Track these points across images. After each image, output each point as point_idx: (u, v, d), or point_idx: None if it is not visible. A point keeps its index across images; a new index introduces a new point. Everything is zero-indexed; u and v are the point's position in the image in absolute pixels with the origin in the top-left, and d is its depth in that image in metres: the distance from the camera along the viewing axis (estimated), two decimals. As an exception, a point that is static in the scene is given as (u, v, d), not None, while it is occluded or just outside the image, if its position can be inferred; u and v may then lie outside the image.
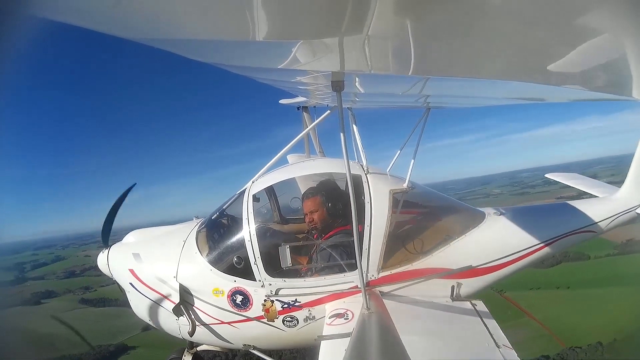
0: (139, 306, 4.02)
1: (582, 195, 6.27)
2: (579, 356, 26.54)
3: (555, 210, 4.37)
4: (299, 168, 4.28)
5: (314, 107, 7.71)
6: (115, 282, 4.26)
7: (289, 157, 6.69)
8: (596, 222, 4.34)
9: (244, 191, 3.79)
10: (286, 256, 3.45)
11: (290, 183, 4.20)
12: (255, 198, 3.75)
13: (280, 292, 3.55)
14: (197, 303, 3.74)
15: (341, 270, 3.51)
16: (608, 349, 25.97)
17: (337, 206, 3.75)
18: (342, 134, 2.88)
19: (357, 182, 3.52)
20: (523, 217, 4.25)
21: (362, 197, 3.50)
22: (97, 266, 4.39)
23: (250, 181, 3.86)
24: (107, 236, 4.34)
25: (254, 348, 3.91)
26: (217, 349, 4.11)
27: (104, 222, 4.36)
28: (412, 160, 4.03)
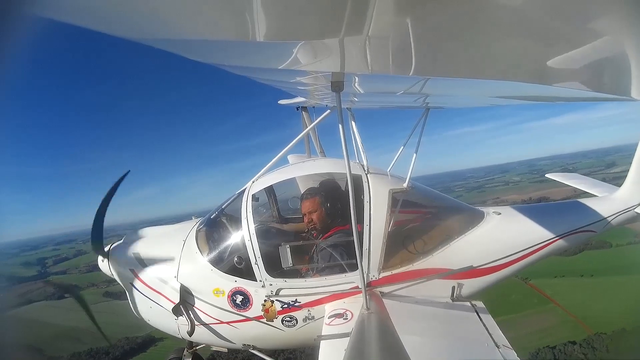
0: (139, 306, 4.02)
1: (581, 195, 6.29)
2: (605, 342, 26.97)
3: (555, 209, 4.37)
4: (298, 168, 4.28)
5: (313, 107, 7.71)
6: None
7: (290, 158, 6.70)
8: (596, 222, 4.35)
9: (243, 191, 3.79)
10: (287, 256, 3.45)
11: (290, 183, 4.19)
12: (255, 198, 3.75)
13: (281, 293, 3.55)
14: (197, 303, 3.74)
15: (342, 270, 3.52)
16: (632, 334, 26.35)
17: (336, 206, 3.75)
18: (342, 134, 2.88)
19: (357, 182, 3.52)
20: (523, 217, 4.25)
21: (362, 197, 3.50)
22: (192, 218, 4.41)
23: (250, 181, 3.86)
24: (101, 243, 4.00)
25: (254, 348, 3.91)
26: (217, 348, 4.10)
27: (93, 225, 3.82)
28: (413, 160, 4.04)
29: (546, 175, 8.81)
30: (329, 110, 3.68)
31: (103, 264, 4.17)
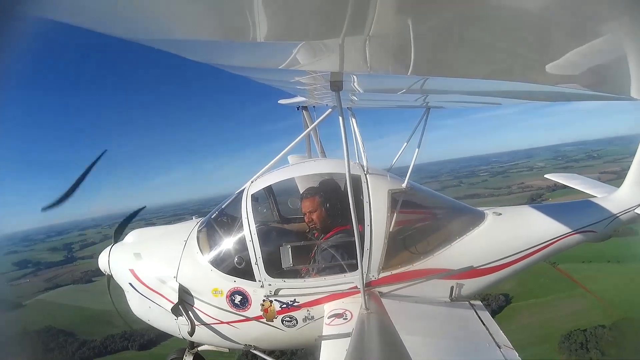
0: (138, 306, 4.02)
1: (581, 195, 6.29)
2: (633, 326, 27.42)
3: (555, 210, 4.36)
4: (298, 168, 4.28)
5: (314, 107, 7.71)
6: (107, 281, 4.26)
7: (290, 158, 6.70)
8: (596, 222, 4.34)
9: (242, 191, 3.79)
10: (287, 256, 3.46)
11: (289, 183, 4.19)
12: (254, 198, 3.74)
13: (280, 293, 3.55)
14: (196, 303, 3.74)
15: (342, 270, 3.51)
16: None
17: (336, 206, 3.75)
18: (342, 134, 2.88)
19: (357, 182, 3.52)
20: (523, 218, 4.25)
21: (362, 197, 3.50)
22: (193, 218, 4.41)
23: (249, 181, 3.86)
24: (120, 234, 4.42)
25: (255, 348, 3.91)
26: (218, 349, 4.11)
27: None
28: (413, 160, 4.03)
29: (545, 176, 8.82)
30: (330, 110, 3.68)
31: (102, 262, 4.18)
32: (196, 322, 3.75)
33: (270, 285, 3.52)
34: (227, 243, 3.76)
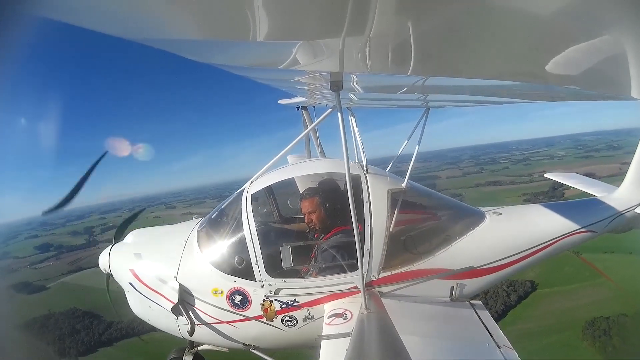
0: (139, 306, 4.02)
1: (581, 195, 6.29)
2: None
3: (555, 210, 4.36)
4: (298, 168, 4.28)
5: (314, 107, 7.71)
6: (106, 282, 4.27)
7: (289, 158, 6.69)
8: (596, 222, 4.34)
9: (242, 191, 3.79)
10: (287, 257, 3.46)
11: (289, 183, 4.19)
12: (254, 198, 3.74)
13: (280, 292, 3.55)
14: (196, 303, 3.74)
15: (342, 270, 3.51)
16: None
17: (336, 206, 3.75)
18: (342, 134, 2.88)
19: (356, 182, 3.52)
20: (523, 218, 4.25)
21: (362, 197, 3.50)
22: (193, 217, 4.45)
23: (249, 181, 3.86)
24: (120, 235, 4.42)
25: (255, 348, 3.91)
26: (218, 348, 4.11)
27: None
28: (412, 160, 4.03)
29: (545, 175, 8.80)
30: (330, 110, 3.68)
31: (103, 261, 4.18)
32: (196, 322, 3.75)
33: (270, 285, 3.52)
34: (227, 243, 3.76)
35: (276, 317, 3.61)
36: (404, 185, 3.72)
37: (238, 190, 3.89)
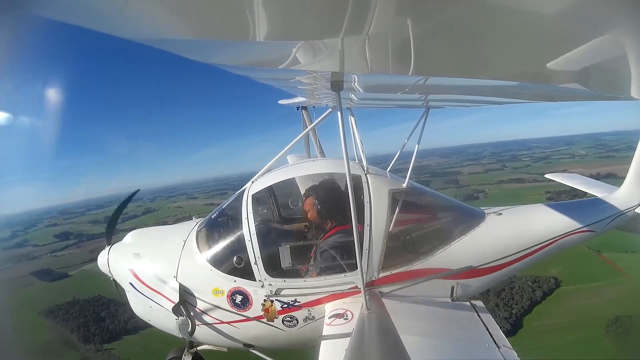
0: (139, 306, 4.02)
1: (581, 195, 6.29)
2: None
3: (555, 210, 4.36)
4: (298, 168, 4.28)
5: (314, 107, 7.71)
6: (112, 282, 4.26)
7: (289, 158, 6.69)
8: (596, 222, 4.34)
9: (243, 191, 3.78)
10: (286, 256, 3.45)
11: (289, 183, 4.19)
12: (255, 198, 3.74)
13: (280, 292, 3.55)
14: (197, 303, 3.74)
15: (341, 270, 3.51)
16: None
17: (337, 206, 3.75)
18: (342, 134, 2.88)
19: (357, 182, 3.52)
20: (522, 218, 4.25)
21: (362, 197, 3.50)
22: (193, 217, 4.45)
23: (250, 181, 3.86)
24: (111, 234, 4.40)
25: (255, 348, 3.91)
26: (218, 348, 4.11)
27: (109, 220, 4.48)
28: (412, 160, 4.03)
29: (545, 176, 8.80)
30: (330, 109, 3.68)
31: (102, 262, 4.18)
32: (197, 322, 3.75)
33: (271, 285, 3.52)
34: (227, 243, 3.76)
35: (277, 318, 3.60)
36: (404, 185, 3.72)
37: (239, 191, 3.90)
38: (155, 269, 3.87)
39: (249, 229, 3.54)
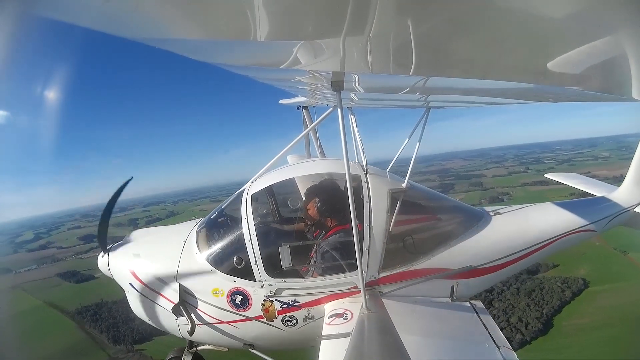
0: (139, 306, 4.02)
1: (581, 194, 6.29)
2: None
3: (555, 210, 4.37)
4: (298, 168, 4.28)
5: (314, 106, 7.70)
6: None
7: (289, 158, 6.69)
8: (595, 221, 4.35)
9: (242, 191, 3.78)
10: (286, 256, 3.45)
11: (289, 183, 4.19)
12: (254, 198, 3.74)
13: (281, 293, 3.55)
14: (197, 303, 3.74)
15: (342, 270, 3.51)
16: None
17: (336, 206, 3.75)
18: (342, 134, 2.88)
19: (357, 182, 3.52)
20: (522, 217, 4.25)
21: (362, 197, 3.50)
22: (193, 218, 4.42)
23: (250, 181, 3.85)
24: (104, 239, 4.20)
25: (254, 348, 3.91)
26: (218, 348, 4.11)
27: (99, 223, 4.16)
28: (412, 160, 4.03)
29: (545, 176, 8.80)
30: (330, 109, 3.68)
31: (102, 263, 4.17)
32: (197, 322, 3.75)
33: (270, 285, 3.52)
34: (227, 243, 3.76)
35: (277, 317, 3.60)
36: (404, 185, 3.72)
37: (238, 191, 3.89)
38: (155, 269, 3.86)
39: (248, 229, 3.54)
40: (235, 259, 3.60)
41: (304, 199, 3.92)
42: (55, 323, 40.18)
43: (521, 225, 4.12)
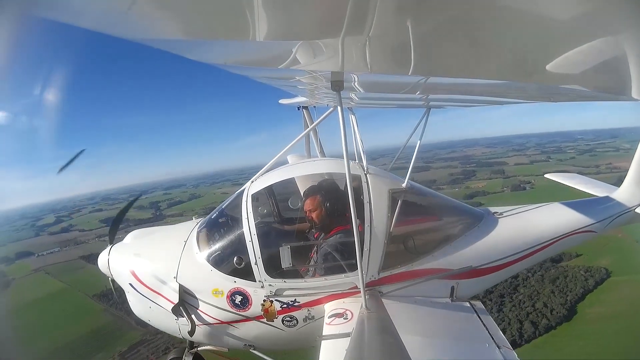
0: (139, 306, 4.02)
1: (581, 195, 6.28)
2: None
3: (555, 210, 4.36)
4: (298, 168, 4.27)
5: (314, 106, 7.69)
6: (111, 282, 4.26)
7: (289, 158, 6.69)
8: (596, 222, 4.34)
9: (242, 191, 3.78)
10: (287, 257, 3.45)
11: (289, 183, 4.18)
12: (254, 198, 3.74)
13: (281, 293, 3.55)
14: (197, 303, 3.74)
15: (342, 270, 3.51)
16: None
17: (336, 206, 3.74)
18: (342, 134, 2.88)
19: (357, 182, 3.51)
20: (522, 218, 4.24)
21: (362, 197, 3.50)
22: (193, 218, 4.48)
23: (250, 181, 3.85)
24: (114, 234, 4.43)
25: (255, 348, 3.91)
26: (218, 348, 4.11)
27: (113, 221, 4.57)
28: (412, 160, 4.03)
29: (545, 176, 8.78)
30: (331, 109, 3.67)
31: (102, 262, 4.18)
32: (197, 322, 3.75)
33: (270, 285, 3.52)
34: (227, 243, 3.75)
35: (276, 318, 3.60)
36: (404, 185, 3.71)
37: (238, 191, 3.89)
38: (156, 269, 3.86)
39: (249, 229, 3.54)
40: (235, 259, 3.60)
41: (304, 199, 3.92)
42: (81, 306, 40.23)
43: (521, 226, 4.11)
